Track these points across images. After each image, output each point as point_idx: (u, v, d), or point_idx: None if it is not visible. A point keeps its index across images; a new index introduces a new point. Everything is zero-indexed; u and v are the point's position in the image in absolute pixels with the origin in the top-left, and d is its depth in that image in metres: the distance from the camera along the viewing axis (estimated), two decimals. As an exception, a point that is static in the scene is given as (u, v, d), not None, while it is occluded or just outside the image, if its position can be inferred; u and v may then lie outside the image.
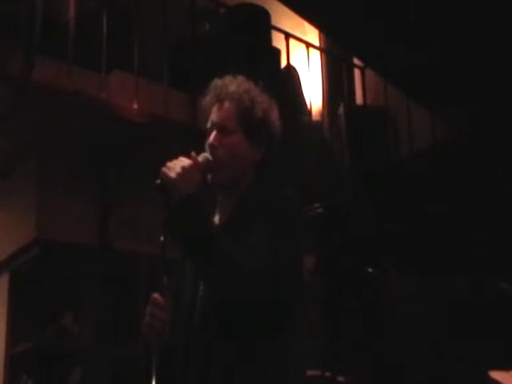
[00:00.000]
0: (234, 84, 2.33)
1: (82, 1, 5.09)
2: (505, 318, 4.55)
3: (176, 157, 2.19)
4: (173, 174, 2.11)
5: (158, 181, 2.14)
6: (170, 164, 2.14)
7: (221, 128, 2.29)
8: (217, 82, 2.36)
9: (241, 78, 2.37)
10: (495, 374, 3.71)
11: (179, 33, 5.89)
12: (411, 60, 4.80)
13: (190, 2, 5.82)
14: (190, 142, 2.32)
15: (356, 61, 6.81)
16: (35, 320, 5.22)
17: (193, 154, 2.22)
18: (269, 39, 6.32)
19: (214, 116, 2.32)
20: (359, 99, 6.97)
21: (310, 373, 4.43)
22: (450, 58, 4.60)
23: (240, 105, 2.30)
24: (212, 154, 2.26)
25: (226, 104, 2.30)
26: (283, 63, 6.45)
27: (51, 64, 4.81)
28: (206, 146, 2.30)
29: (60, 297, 5.30)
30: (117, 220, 5.17)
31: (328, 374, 5.03)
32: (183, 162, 2.16)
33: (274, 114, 2.36)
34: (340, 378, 5.03)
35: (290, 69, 6.47)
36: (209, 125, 2.33)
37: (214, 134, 2.29)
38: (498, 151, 5.23)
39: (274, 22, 6.29)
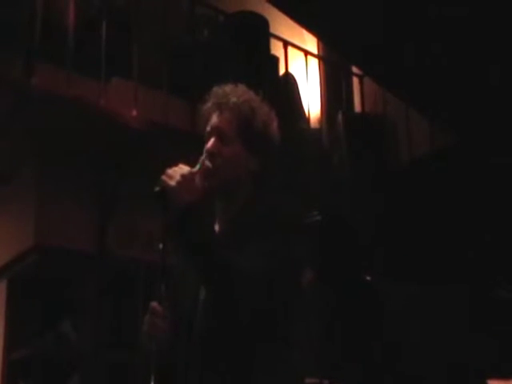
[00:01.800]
0: (235, 94, 2.33)
1: (81, 7, 5.10)
2: (504, 325, 4.54)
3: (176, 164, 2.19)
4: (173, 183, 2.11)
5: (158, 188, 2.14)
6: (169, 172, 2.14)
7: (220, 134, 2.30)
8: (218, 89, 2.36)
9: (242, 88, 2.37)
10: (494, 383, 3.72)
11: (178, 40, 5.90)
12: (410, 67, 4.81)
13: (189, 10, 5.84)
14: (189, 148, 2.32)
15: (354, 69, 6.82)
16: (33, 326, 5.22)
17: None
18: (267, 47, 6.33)
19: (213, 121, 2.32)
20: (357, 107, 6.98)
21: (308, 381, 4.43)
22: (450, 65, 4.61)
23: (240, 115, 2.30)
24: (210, 160, 2.26)
25: (227, 113, 2.31)
26: (281, 71, 6.46)
27: (50, 70, 4.82)
28: (205, 151, 2.30)
29: (58, 303, 5.30)
30: (116, 226, 5.16)
31: (326, 382, 5.02)
32: (183, 169, 2.15)
33: (274, 125, 2.36)
34: (338, 386, 5.03)
35: (289, 76, 6.48)
36: (208, 129, 2.33)
37: (213, 140, 2.30)
38: (498, 158, 5.23)
39: (273, 29, 6.30)
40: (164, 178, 2.13)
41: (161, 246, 2.24)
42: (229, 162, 2.28)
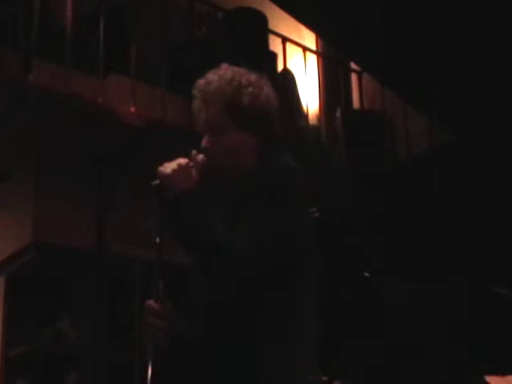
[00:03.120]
0: (216, 78, 2.28)
1: (79, 4, 5.09)
2: (502, 323, 4.54)
3: (174, 159, 2.19)
4: (168, 170, 2.12)
5: (157, 181, 2.14)
6: (166, 164, 2.15)
7: (210, 127, 2.25)
8: (200, 81, 2.31)
9: (223, 68, 2.31)
10: (492, 380, 3.71)
11: (177, 36, 5.89)
12: (408, 64, 4.80)
13: (187, 6, 5.83)
14: (188, 145, 2.31)
15: (353, 65, 6.82)
16: (31, 323, 5.21)
17: (193, 152, 2.23)
18: (266, 43, 6.32)
19: (202, 117, 2.28)
20: (356, 103, 6.98)
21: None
22: (448, 61, 4.61)
23: (224, 97, 2.24)
24: (207, 156, 2.22)
25: (213, 101, 2.25)
26: (280, 67, 6.45)
27: (49, 67, 4.81)
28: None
29: (56, 300, 5.29)
30: (114, 224, 5.16)
31: (325, 378, 5.02)
32: (180, 160, 2.17)
33: (265, 93, 2.27)
34: (337, 383, 5.03)
35: (287, 73, 6.47)
36: (201, 126, 2.29)
37: (205, 137, 2.26)
38: (496, 154, 5.23)
39: (271, 25, 6.30)
40: (160, 168, 2.14)
41: (157, 240, 2.22)
42: (224, 148, 2.23)
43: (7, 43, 4.83)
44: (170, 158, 2.21)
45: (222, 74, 2.29)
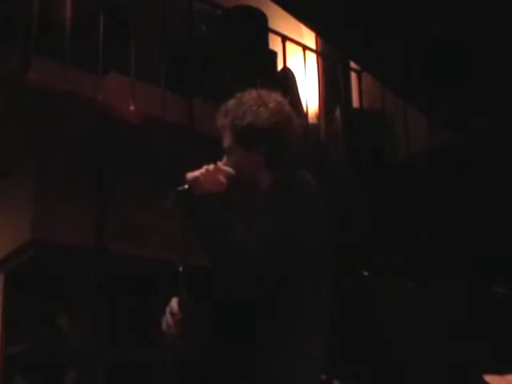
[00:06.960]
0: (231, 103, 2.38)
1: (78, 2, 5.08)
2: (500, 322, 4.55)
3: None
4: (197, 173, 2.20)
5: (185, 186, 2.17)
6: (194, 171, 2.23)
7: (226, 152, 2.37)
8: (222, 107, 2.40)
9: (247, 92, 2.40)
10: (490, 378, 3.72)
11: (176, 35, 5.88)
12: (408, 63, 4.80)
13: (186, 4, 5.82)
14: (187, 144, 2.34)
15: (353, 64, 6.81)
16: (30, 321, 5.21)
17: (219, 163, 2.30)
18: (265, 42, 6.32)
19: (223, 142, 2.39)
20: (356, 102, 6.97)
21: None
22: (447, 62, 4.61)
23: (230, 122, 2.35)
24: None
25: (225, 129, 2.37)
26: (280, 66, 6.45)
27: (48, 65, 4.81)
28: None
29: (55, 298, 5.29)
30: (113, 222, 5.16)
31: (323, 377, 5.02)
32: (208, 166, 2.25)
33: (270, 109, 2.36)
34: (335, 382, 5.03)
35: (287, 71, 6.47)
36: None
37: (223, 160, 2.36)
38: (495, 155, 5.23)
39: (271, 24, 6.30)
40: (189, 173, 2.21)
41: (180, 269, 2.25)
42: (236, 169, 2.31)
43: (6, 41, 4.83)
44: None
45: (236, 101, 2.38)
